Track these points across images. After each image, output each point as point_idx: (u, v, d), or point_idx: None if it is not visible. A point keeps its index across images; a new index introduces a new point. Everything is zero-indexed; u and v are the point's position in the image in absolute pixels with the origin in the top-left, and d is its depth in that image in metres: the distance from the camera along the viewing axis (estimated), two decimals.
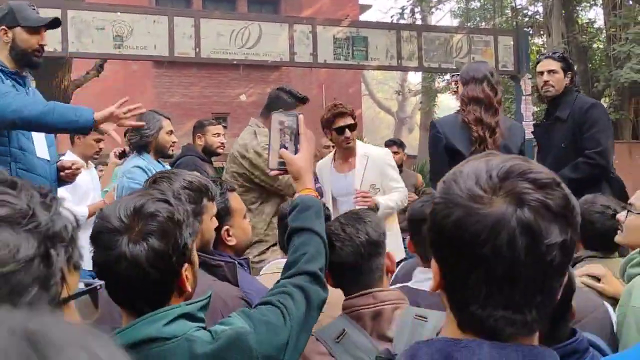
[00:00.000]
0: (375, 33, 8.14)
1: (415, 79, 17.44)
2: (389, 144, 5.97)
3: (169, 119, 3.84)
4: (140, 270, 1.21)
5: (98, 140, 3.99)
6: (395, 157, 4.40)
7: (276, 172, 1.77)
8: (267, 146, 3.12)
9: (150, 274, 1.21)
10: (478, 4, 15.26)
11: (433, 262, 0.87)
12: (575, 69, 10.87)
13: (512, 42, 8.69)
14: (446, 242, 0.83)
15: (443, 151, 3.15)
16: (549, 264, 0.79)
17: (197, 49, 7.10)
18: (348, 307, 1.64)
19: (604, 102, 12.01)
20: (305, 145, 1.71)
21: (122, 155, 4.23)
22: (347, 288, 1.68)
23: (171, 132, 3.80)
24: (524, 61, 8.68)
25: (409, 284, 2.03)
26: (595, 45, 12.57)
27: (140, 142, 3.62)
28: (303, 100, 3.38)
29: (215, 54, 7.28)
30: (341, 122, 3.47)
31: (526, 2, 14.40)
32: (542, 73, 3.61)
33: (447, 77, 13.65)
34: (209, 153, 4.27)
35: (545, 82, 3.56)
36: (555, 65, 3.55)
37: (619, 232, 2.14)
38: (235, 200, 2.07)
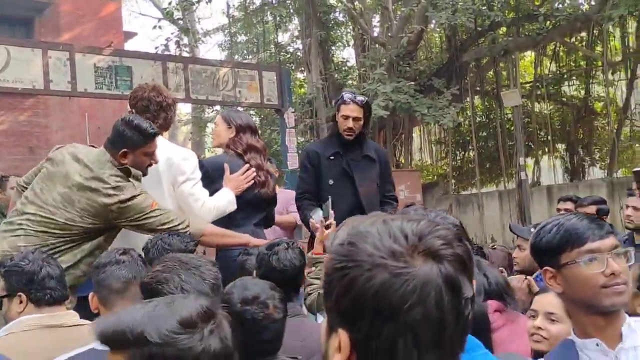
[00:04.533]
0: (140, 63, 7.95)
1: (185, 108, 17.38)
2: None
3: None
4: None
5: None
6: None
7: None
8: (143, 190, 2.83)
9: None
10: (244, 38, 15.83)
11: (342, 335, 0.78)
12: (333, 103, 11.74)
13: (275, 77, 9.14)
14: (369, 310, 0.75)
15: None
16: (466, 319, 0.78)
17: None
18: None
19: None
20: None
21: None
22: None
23: None
24: (287, 96, 9.19)
25: (94, 345, 1.86)
26: (349, 82, 13.80)
27: None
28: (155, 136, 2.94)
29: None
30: None
31: (288, 39, 15.34)
32: (347, 117, 3.66)
33: (217, 107, 13.86)
34: None
35: (349, 129, 3.65)
36: (360, 112, 3.66)
37: None
38: None
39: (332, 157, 3.74)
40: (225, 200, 3.18)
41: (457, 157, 15.33)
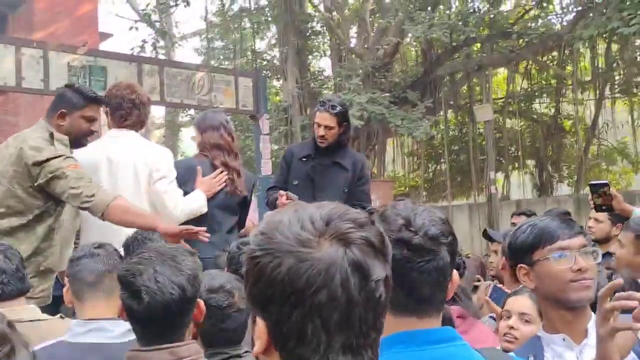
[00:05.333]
0: (115, 64, 7.87)
1: (159, 112, 17.26)
2: None
3: None
4: None
5: None
6: None
7: None
8: (63, 152, 2.79)
9: None
10: (221, 44, 15.81)
11: (258, 322, 0.82)
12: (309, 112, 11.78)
13: (251, 84, 9.15)
14: (278, 295, 0.79)
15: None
16: (377, 300, 0.80)
17: None
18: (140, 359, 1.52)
19: None
20: None
21: None
22: (148, 341, 1.57)
23: None
24: (262, 102, 9.19)
25: (65, 338, 1.84)
26: (325, 92, 13.88)
27: None
28: (95, 100, 2.97)
29: None
30: None
31: (265, 47, 15.37)
32: (319, 125, 3.68)
33: (192, 112, 13.81)
34: None
35: (321, 136, 3.67)
36: (332, 120, 3.65)
37: None
38: None
39: (304, 159, 3.78)
40: (198, 202, 3.21)
41: (429, 170, 15.49)
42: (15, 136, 2.96)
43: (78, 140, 2.98)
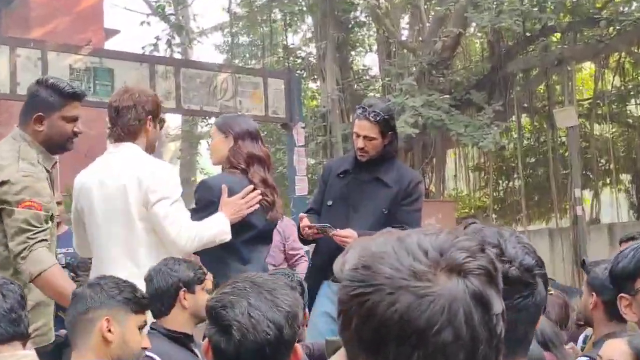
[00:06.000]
0: (123, 65, 8.06)
1: (174, 121, 17.48)
2: None
3: None
4: None
5: None
6: None
7: None
8: (27, 175, 2.76)
9: None
10: (247, 40, 16.00)
11: None
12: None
13: (283, 86, 9.22)
14: (394, 336, 0.81)
15: None
16: (499, 336, 0.85)
17: None
18: None
19: None
20: None
21: None
22: None
23: None
24: (296, 108, 9.24)
25: None
26: (371, 94, 13.90)
27: None
28: (75, 96, 2.94)
29: None
30: None
31: (299, 42, 15.49)
32: (358, 135, 3.65)
33: (212, 120, 14.00)
34: None
35: (361, 149, 3.64)
36: (372, 130, 3.60)
37: None
38: None
39: (341, 175, 3.76)
40: (216, 228, 3.05)
41: (500, 187, 15.32)
42: None
43: (62, 146, 2.97)
